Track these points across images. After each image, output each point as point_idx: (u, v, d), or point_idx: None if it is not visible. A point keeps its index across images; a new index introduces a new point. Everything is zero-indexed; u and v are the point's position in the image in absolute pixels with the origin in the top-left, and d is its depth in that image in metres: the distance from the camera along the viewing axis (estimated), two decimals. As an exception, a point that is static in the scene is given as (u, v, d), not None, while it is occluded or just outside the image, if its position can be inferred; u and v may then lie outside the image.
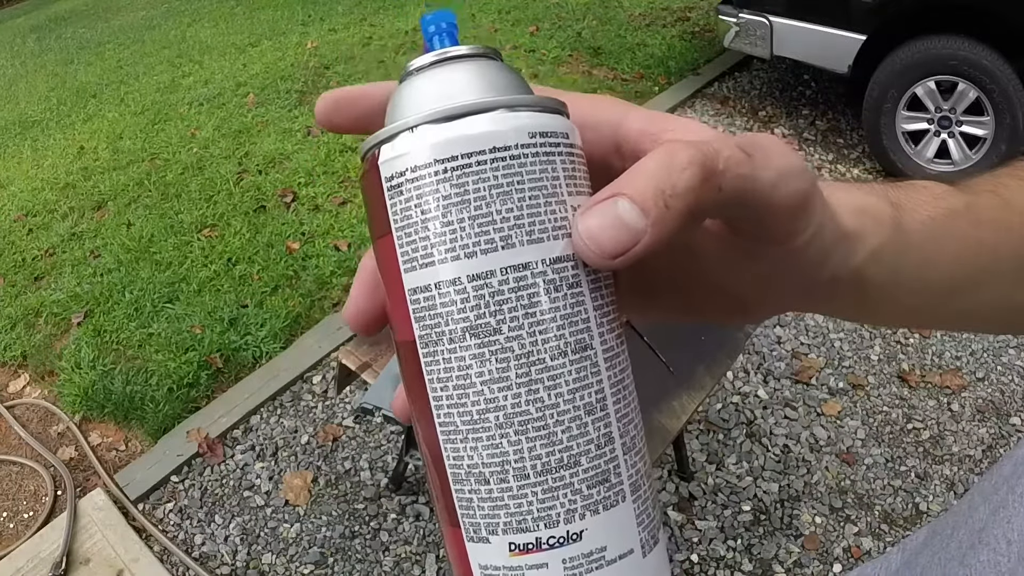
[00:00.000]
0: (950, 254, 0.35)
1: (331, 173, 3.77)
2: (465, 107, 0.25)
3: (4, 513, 2.33)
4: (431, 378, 0.25)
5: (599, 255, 0.23)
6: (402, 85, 0.27)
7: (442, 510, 0.27)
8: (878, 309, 0.35)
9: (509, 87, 0.27)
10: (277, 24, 6.15)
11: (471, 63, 0.27)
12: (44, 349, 2.94)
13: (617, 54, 4.73)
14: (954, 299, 0.36)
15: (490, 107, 0.25)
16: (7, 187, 4.20)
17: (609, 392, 0.26)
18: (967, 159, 3.21)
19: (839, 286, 0.31)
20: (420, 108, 0.26)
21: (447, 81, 0.26)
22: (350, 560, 2.10)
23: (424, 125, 0.25)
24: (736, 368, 2.51)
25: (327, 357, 2.72)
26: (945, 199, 0.35)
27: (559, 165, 0.26)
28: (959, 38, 3.05)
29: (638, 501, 0.26)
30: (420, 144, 0.25)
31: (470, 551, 0.26)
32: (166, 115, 4.70)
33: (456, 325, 0.24)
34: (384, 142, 0.26)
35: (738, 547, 2.04)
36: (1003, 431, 2.29)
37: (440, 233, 0.24)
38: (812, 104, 4.11)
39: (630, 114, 0.29)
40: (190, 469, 2.40)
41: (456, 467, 0.25)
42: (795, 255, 0.28)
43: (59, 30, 7.38)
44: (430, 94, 0.26)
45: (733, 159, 0.24)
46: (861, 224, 0.31)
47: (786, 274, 0.29)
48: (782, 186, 0.25)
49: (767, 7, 3.54)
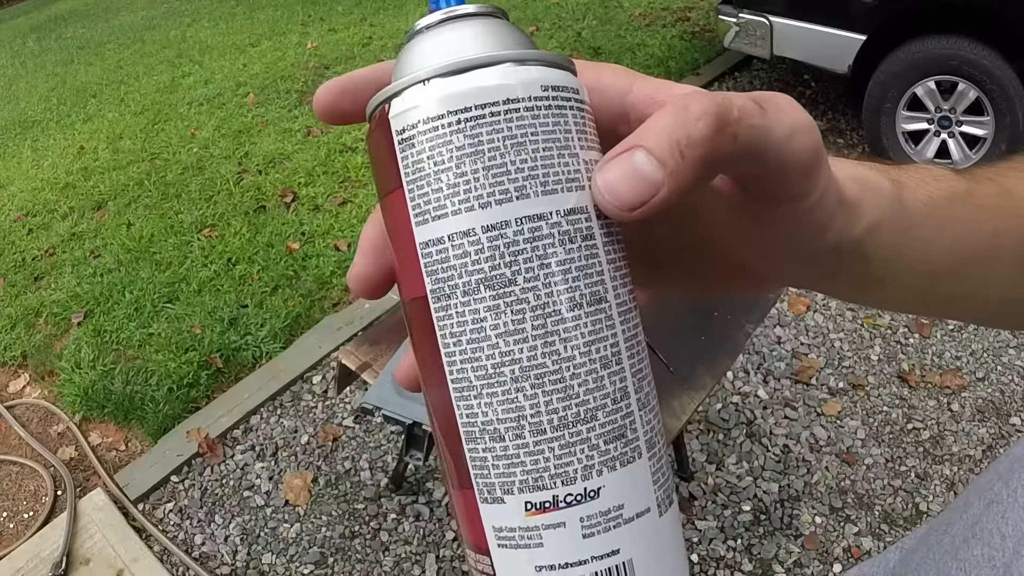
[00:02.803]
0: (950, 236, 0.35)
1: (331, 173, 3.77)
2: (477, 60, 0.25)
3: (4, 513, 2.33)
4: (443, 333, 0.25)
5: (619, 207, 0.24)
6: (410, 43, 0.27)
7: (452, 474, 0.26)
8: (879, 288, 0.35)
9: (518, 43, 0.27)
10: (277, 24, 6.15)
11: (479, 20, 0.27)
12: (44, 349, 2.94)
13: (617, 54, 4.73)
14: (953, 283, 0.36)
15: (501, 60, 0.25)
16: (7, 187, 4.20)
17: (624, 346, 0.25)
18: (967, 159, 3.21)
19: (841, 257, 0.31)
20: (431, 63, 0.25)
21: (456, 37, 0.26)
22: (350, 560, 2.10)
23: (436, 78, 0.25)
24: (736, 368, 2.51)
25: (327, 357, 2.72)
26: (945, 181, 0.35)
27: (571, 119, 0.26)
28: (959, 38, 3.05)
29: (654, 459, 0.26)
30: (432, 96, 0.25)
31: (483, 513, 0.25)
32: (166, 115, 4.71)
33: (470, 277, 0.24)
34: (394, 96, 0.26)
35: (738, 547, 2.04)
36: (1003, 431, 2.29)
37: (453, 184, 0.24)
38: (812, 104, 4.11)
39: (636, 82, 0.29)
40: (190, 469, 2.40)
41: (470, 425, 0.25)
42: (802, 217, 0.28)
43: (59, 30, 7.38)
44: (440, 49, 0.26)
45: (747, 109, 0.24)
46: (861, 195, 0.31)
47: (792, 239, 0.29)
48: (795, 140, 0.25)
49: (767, 7, 3.54)
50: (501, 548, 0.25)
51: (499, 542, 0.25)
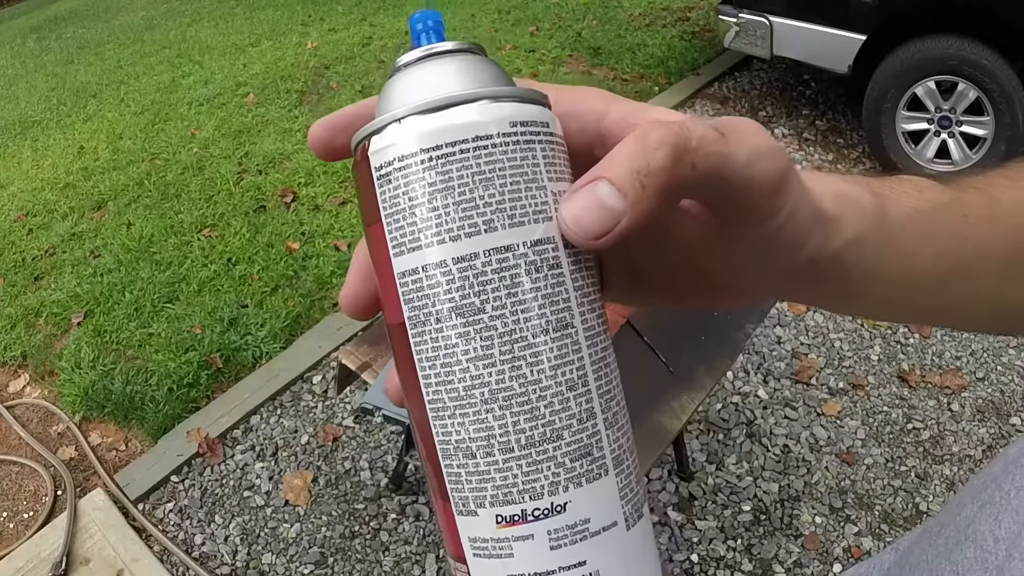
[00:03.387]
0: (935, 247, 0.34)
1: (331, 173, 3.77)
2: (449, 99, 0.26)
3: (4, 513, 2.33)
4: (420, 358, 0.26)
5: (584, 236, 0.25)
6: (391, 80, 0.28)
7: (434, 486, 0.27)
8: (862, 299, 0.35)
9: (492, 79, 0.28)
10: (277, 24, 6.15)
11: (456, 58, 0.28)
12: (44, 349, 2.94)
13: (617, 54, 4.73)
14: (939, 293, 0.36)
15: (473, 98, 0.26)
16: (7, 187, 4.20)
17: (590, 369, 0.26)
18: (967, 159, 3.21)
19: (821, 272, 0.31)
20: (407, 100, 0.27)
21: (433, 75, 0.27)
22: (350, 560, 2.10)
23: (411, 116, 0.26)
24: (736, 368, 2.51)
25: (327, 357, 2.72)
26: (930, 192, 0.35)
27: (539, 153, 0.27)
28: (959, 38, 3.05)
29: (621, 475, 0.27)
30: (407, 134, 0.26)
31: (459, 524, 0.27)
32: (166, 115, 4.71)
33: (443, 305, 0.26)
34: (373, 134, 0.27)
35: (738, 547, 2.04)
36: (1003, 431, 2.29)
37: (426, 218, 0.26)
38: (812, 104, 4.11)
39: (612, 105, 0.30)
40: (190, 469, 2.40)
41: (445, 443, 0.26)
42: (773, 237, 0.28)
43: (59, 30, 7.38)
44: (417, 87, 0.27)
45: (706, 138, 0.25)
46: (841, 210, 0.31)
47: (765, 257, 0.30)
48: (757, 164, 0.26)
49: (767, 7, 3.54)
50: (476, 558, 0.26)
51: (474, 552, 0.26)
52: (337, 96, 4.55)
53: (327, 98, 4.56)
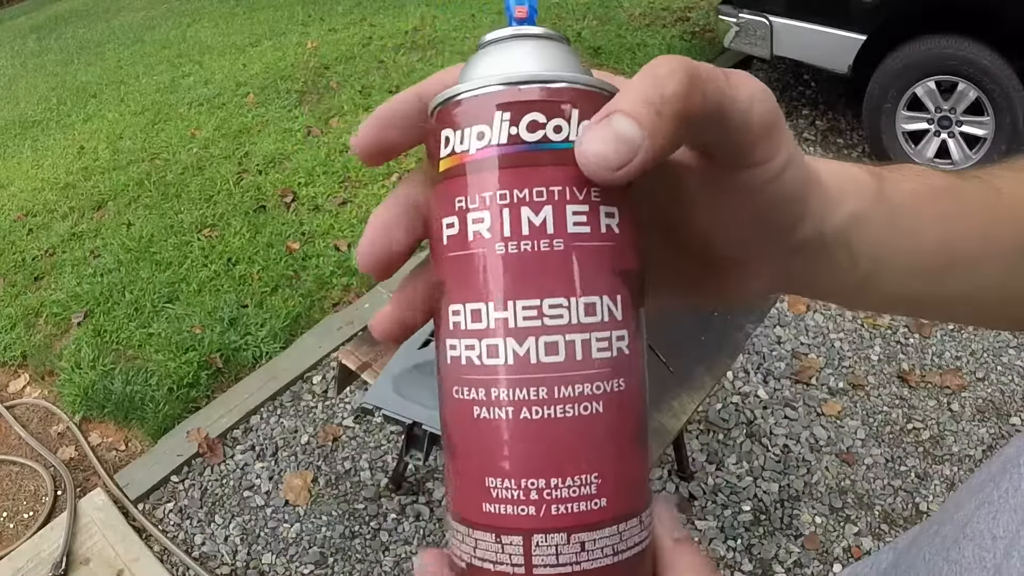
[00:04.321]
0: (937, 233, 0.35)
1: (331, 173, 3.77)
2: (534, 76, 0.26)
3: (4, 513, 2.33)
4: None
5: (604, 168, 0.24)
6: (479, 53, 0.28)
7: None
8: (870, 288, 0.35)
9: (576, 67, 0.28)
10: (277, 24, 6.15)
11: (544, 42, 0.28)
12: (44, 349, 2.94)
13: (617, 54, 4.73)
14: (945, 282, 0.36)
15: (556, 79, 0.26)
16: (7, 187, 4.20)
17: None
18: (967, 159, 3.21)
19: (827, 248, 0.32)
20: (494, 72, 0.26)
21: (521, 53, 0.27)
22: (350, 560, 2.10)
23: (496, 87, 0.26)
24: (736, 368, 2.51)
25: (327, 357, 2.72)
26: (928, 177, 0.36)
27: None
28: (959, 38, 3.05)
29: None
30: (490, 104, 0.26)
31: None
32: (166, 115, 4.71)
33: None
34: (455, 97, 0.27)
35: (738, 547, 2.04)
36: (1003, 431, 2.29)
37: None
38: (812, 104, 4.11)
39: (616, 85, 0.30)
40: (190, 469, 2.40)
41: None
42: (767, 185, 0.29)
43: (59, 30, 7.38)
44: (504, 62, 0.27)
45: (713, 72, 0.25)
46: (841, 186, 0.31)
47: (763, 211, 0.30)
48: (756, 104, 0.26)
49: (767, 7, 3.54)
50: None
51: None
52: (337, 96, 4.55)
53: (327, 98, 4.56)
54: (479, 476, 0.25)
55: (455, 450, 0.27)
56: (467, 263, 0.26)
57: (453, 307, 0.26)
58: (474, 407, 0.25)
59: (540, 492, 0.25)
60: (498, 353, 0.25)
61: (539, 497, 0.25)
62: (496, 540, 0.25)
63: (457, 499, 0.27)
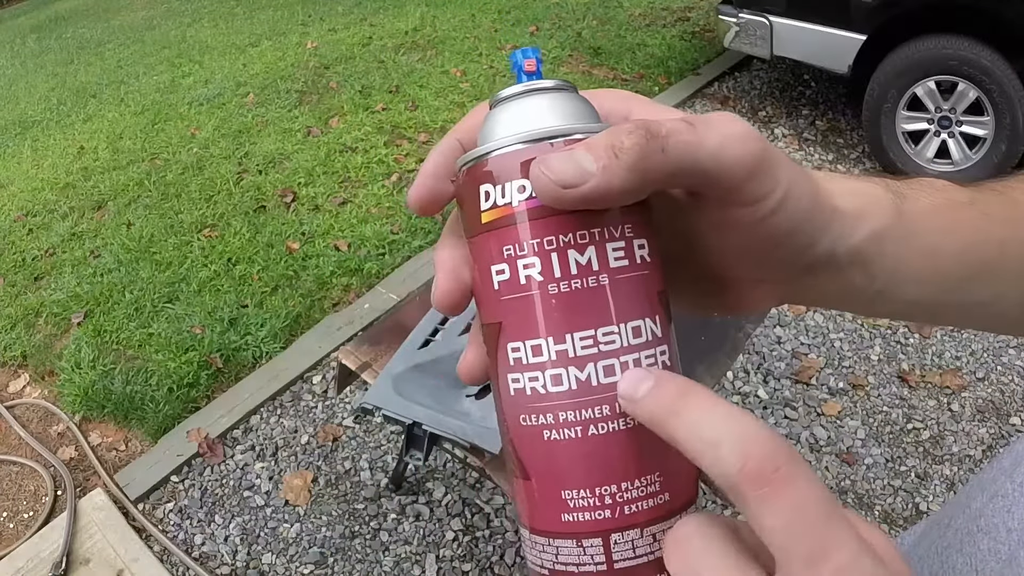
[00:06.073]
0: (956, 244, 0.35)
1: (331, 173, 3.77)
2: (552, 131, 0.29)
3: (4, 513, 2.33)
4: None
5: (553, 183, 0.26)
6: (495, 110, 0.31)
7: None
8: (890, 299, 0.35)
9: (588, 116, 0.30)
10: (277, 24, 6.15)
11: (555, 95, 0.30)
12: (44, 349, 2.94)
13: (617, 54, 4.73)
14: (962, 292, 0.36)
15: (571, 132, 0.29)
16: (7, 187, 4.20)
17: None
18: (967, 159, 3.21)
19: (839, 266, 0.32)
20: (513, 131, 0.29)
21: (535, 108, 0.30)
22: (350, 560, 2.10)
23: (515, 146, 0.29)
24: (736, 368, 2.51)
25: (327, 357, 2.72)
26: (947, 191, 0.36)
27: None
28: (959, 38, 3.05)
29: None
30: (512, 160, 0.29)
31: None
32: (166, 115, 4.71)
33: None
34: (484, 156, 0.29)
35: (738, 547, 2.03)
36: (1003, 431, 2.29)
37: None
38: (812, 104, 4.11)
39: (635, 108, 0.32)
40: (190, 469, 2.40)
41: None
42: (765, 222, 0.30)
43: (59, 30, 7.38)
44: (521, 119, 0.30)
45: (676, 128, 0.27)
46: (859, 204, 0.32)
47: (767, 246, 0.31)
48: (728, 147, 0.28)
49: (767, 7, 3.54)
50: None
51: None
52: (337, 96, 4.55)
53: (327, 98, 4.56)
54: (555, 491, 0.28)
55: (528, 472, 0.29)
56: (522, 304, 0.28)
57: (513, 345, 0.29)
58: (544, 431, 0.28)
59: (613, 496, 0.28)
60: (562, 381, 0.28)
61: (612, 501, 0.28)
62: (577, 544, 0.28)
63: (534, 515, 0.29)
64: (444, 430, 1.61)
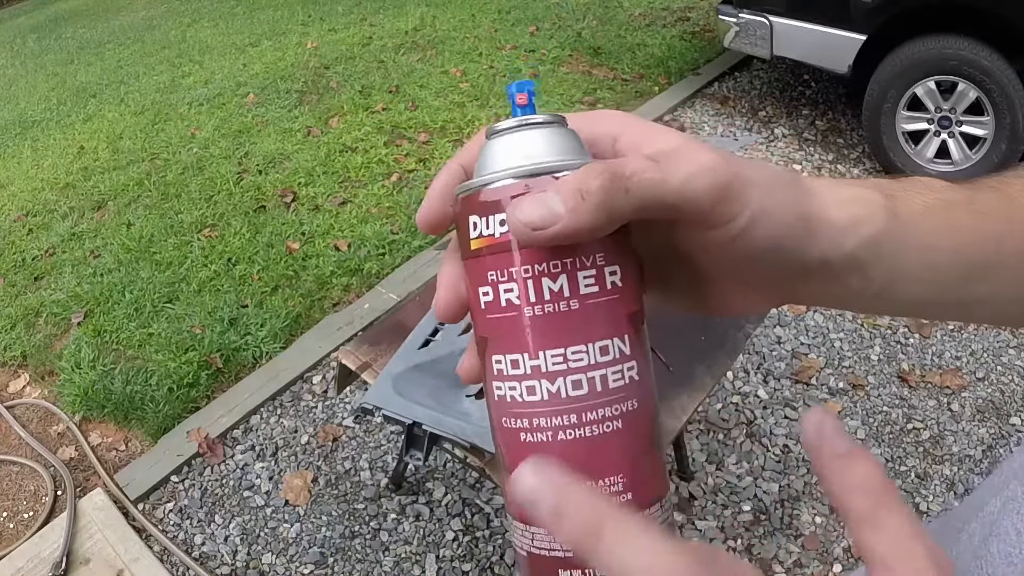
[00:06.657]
0: (951, 243, 0.35)
1: (331, 173, 3.77)
2: (543, 167, 0.31)
3: (4, 513, 2.33)
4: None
5: (524, 224, 0.29)
6: (491, 142, 0.33)
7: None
8: (889, 298, 0.35)
9: (577, 151, 0.33)
10: (277, 24, 6.15)
11: (546, 129, 0.33)
12: (44, 349, 2.94)
13: (617, 54, 4.73)
14: (961, 290, 0.36)
15: (562, 167, 0.31)
16: (7, 187, 4.20)
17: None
18: (967, 159, 3.21)
19: (834, 272, 0.33)
20: (506, 164, 0.32)
21: (528, 141, 0.32)
22: (350, 560, 2.10)
23: (508, 179, 0.31)
24: (736, 368, 2.51)
25: (327, 357, 2.72)
26: (941, 191, 0.36)
27: None
28: (959, 38, 3.05)
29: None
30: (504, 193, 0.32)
31: None
32: (166, 115, 4.71)
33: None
34: (480, 187, 0.32)
35: (738, 547, 2.04)
36: (1003, 431, 2.29)
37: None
38: (812, 104, 4.11)
39: (627, 129, 0.34)
40: (190, 469, 2.40)
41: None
42: (740, 240, 0.31)
43: (59, 30, 7.38)
44: (513, 152, 0.32)
45: (640, 167, 0.29)
46: (853, 213, 0.33)
47: (747, 261, 0.33)
48: (692, 181, 0.30)
49: (767, 7, 3.54)
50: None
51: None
52: (337, 96, 4.55)
53: (327, 98, 4.56)
54: None
55: (510, 467, 0.32)
56: (503, 323, 0.32)
57: (496, 357, 0.32)
58: (520, 433, 0.32)
59: None
60: (536, 392, 0.31)
61: None
62: (549, 532, 0.30)
63: (514, 503, 0.32)
64: (444, 430, 1.61)
